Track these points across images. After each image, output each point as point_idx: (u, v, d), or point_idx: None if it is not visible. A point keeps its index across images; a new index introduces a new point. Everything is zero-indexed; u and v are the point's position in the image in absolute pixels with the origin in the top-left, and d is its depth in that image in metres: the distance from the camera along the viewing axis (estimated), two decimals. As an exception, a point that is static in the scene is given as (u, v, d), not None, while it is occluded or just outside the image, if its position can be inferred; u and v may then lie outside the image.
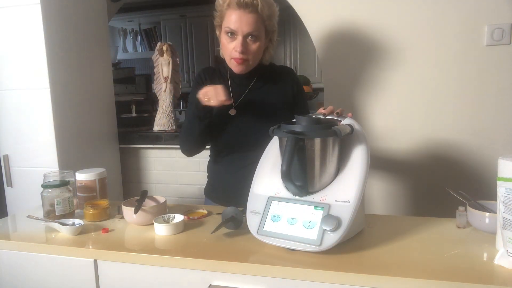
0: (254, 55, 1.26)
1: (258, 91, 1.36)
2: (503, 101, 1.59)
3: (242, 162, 1.33)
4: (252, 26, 1.21)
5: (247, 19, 1.21)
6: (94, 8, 2.07)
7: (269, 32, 1.30)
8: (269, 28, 1.28)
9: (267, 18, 1.25)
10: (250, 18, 1.21)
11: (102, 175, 1.32)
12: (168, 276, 0.96)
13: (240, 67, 1.28)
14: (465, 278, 0.79)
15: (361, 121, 1.69)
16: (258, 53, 1.28)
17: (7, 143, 1.84)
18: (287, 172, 0.92)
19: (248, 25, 1.21)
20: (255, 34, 1.23)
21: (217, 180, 1.44)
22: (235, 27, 1.22)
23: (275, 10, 1.28)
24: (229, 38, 1.25)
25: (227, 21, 1.24)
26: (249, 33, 1.22)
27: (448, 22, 1.60)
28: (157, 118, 2.33)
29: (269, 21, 1.27)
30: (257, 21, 1.22)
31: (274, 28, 1.31)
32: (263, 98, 1.35)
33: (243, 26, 1.21)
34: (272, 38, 1.33)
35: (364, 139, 1.01)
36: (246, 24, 1.21)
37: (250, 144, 1.29)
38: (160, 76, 2.33)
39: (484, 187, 1.61)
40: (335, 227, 0.89)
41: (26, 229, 1.18)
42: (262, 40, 1.27)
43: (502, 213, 0.85)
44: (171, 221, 1.12)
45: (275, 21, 1.30)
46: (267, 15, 1.24)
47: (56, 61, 1.77)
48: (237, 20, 1.21)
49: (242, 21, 1.21)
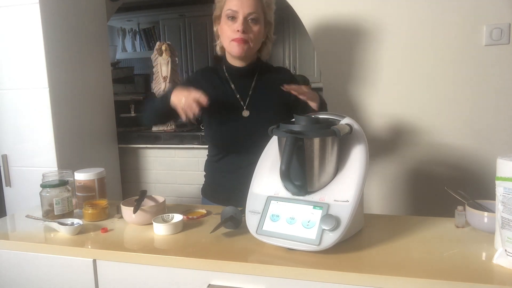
0: (255, 37, 1.28)
1: (262, 90, 1.36)
2: (501, 101, 1.59)
3: (242, 162, 1.33)
4: (253, 7, 1.25)
5: (247, 1, 1.25)
6: (93, 7, 2.07)
7: (267, 23, 1.32)
8: (267, 17, 1.31)
9: (266, 5, 1.29)
10: (251, 1, 1.26)
11: (101, 174, 1.32)
12: (167, 275, 0.96)
13: (241, 48, 1.27)
14: (463, 277, 0.79)
15: (360, 121, 1.68)
16: (258, 37, 1.30)
17: (6, 142, 1.84)
18: (286, 172, 0.92)
19: (249, 6, 1.25)
20: (255, 17, 1.26)
21: (215, 180, 1.44)
22: (236, 7, 1.25)
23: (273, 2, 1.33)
24: (229, 21, 1.27)
25: (228, 5, 1.27)
26: (250, 14, 1.25)
27: (447, 22, 1.60)
28: (156, 118, 2.32)
29: (268, 9, 1.30)
30: (257, 5, 1.27)
31: (272, 21, 1.34)
32: (268, 97, 1.36)
33: (244, 7, 1.25)
34: (269, 32, 1.36)
35: (363, 139, 1.01)
36: (247, 6, 1.25)
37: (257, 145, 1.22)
38: (159, 76, 2.32)
39: (482, 187, 1.61)
40: (334, 227, 0.89)
41: (25, 229, 1.18)
42: (262, 25, 1.30)
43: (501, 212, 0.85)
44: (170, 220, 1.12)
45: (272, 14, 1.34)
46: (266, 1, 1.29)
47: (55, 60, 1.77)
48: (238, 2, 1.25)
49: (243, 3, 1.25)
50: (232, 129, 1.34)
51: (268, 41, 1.37)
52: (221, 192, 1.41)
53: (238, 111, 1.34)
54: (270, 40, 1.37)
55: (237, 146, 1.34)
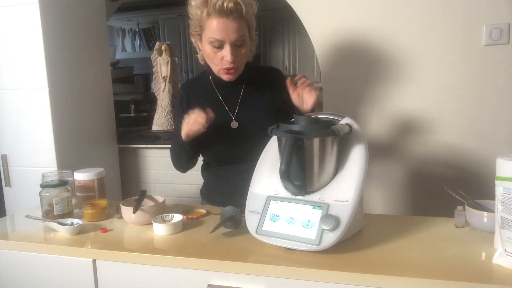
0: (242, 60, 1.22)
1: (251, 98, 1.31)
2: (501, 101, 1.59)
3: (236, 170, 1.30)
4: (239, 33, 1.15)
5: (232, 26, 1.13)
6: (93, 7, 2.07)
7: (251, 31, 1.24)
8: (251, 26, 1.22)
9: (250, 19, 1.19)
10: (236, 25, 1.14)
11: (101, 174, 1.32)
12: (167, 275, 0.96)
13: (231, 76, 1.23)
14: (463, 277, 0.79)
15: (360, 121, 1.69)
16: (246, 57, 1.24)
17: (5, 142, 1.84)
18: (286, 172, 0.92)
19: (234, 32, 1.14)
20: (242, 40, 1.18)
21: (212, 184, 1.41)
22: (222, 37, 1.14)
23: (254, 5, 1.21)
24: (214, 48, 1.18)
25: (210, 31, 1.15)
26: (237, 40, 1.16)
27: (446, 22, 1.60)
28: (156, 118, 2.33)
29: (251, 22, 1.21)
30: (242, 26, 1.16)
31: (253, 23, 1.24)
32: (257, 105, 1.30)
33: (230, 35, 1.14)
34: (251, 34, 1.26)
35: (363, 139, 1.01)
36: (232, 32, 1.14)
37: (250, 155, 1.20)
38: (159, 76, 2.32)
39: (482, 187, 1.61)
40: (334, 227, 0.89)
41: (25, 229, 1.18)
42: (248, 42, 1.22)
43: (500, 212, 0.85)
44: (170, 220, 1.12)
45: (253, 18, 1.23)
46: (250, 16, 1.18)
47: (54, 60, 1.77)
48: (223, 30, 1.13)
49: (228, 30, 1.13)
50: (221, 142, 1.29)
51: (251, 43, 1.28)
52: (219, 195, 1.38)
53: (228, 122, 1.29)
54: (253, 42, 1.28)
55: (229, 157, 1.31)
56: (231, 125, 1.29)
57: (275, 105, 1.30)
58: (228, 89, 1.32)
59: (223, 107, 1.30)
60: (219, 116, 1.27)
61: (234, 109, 1.30)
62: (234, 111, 1.30)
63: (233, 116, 1.30)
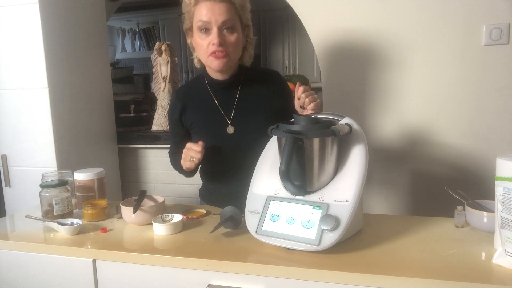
0: (233, 47, 1.17)
1: (247, 102, 1.28)
2: (501, 101, 1.59)
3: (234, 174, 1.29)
4: (226, 15, 1.13)
5: (219, 8, 1.12)
6: (93, 7, 2.07)
7: (244, 26, 1.22)
8: (243, 20, 1.20)
9: (240, 7, 1.17)
10: (222, 7, 1.13)
11: (101, 174, 1.32)
12: (167, 275, 0.96)
13: (220, 62, 1.17)
14: (463, 277, 0.79)
15: (359, 121, 1.68)
16: (238, 46, 1.19)
17: (5, 142, 1.84)
18: (286, 172, 0.92)
19: (221, 14, 1.12)
20: (230, 25, 1.15)
21: (210, 186, 1.41)
22: (208, 18, 1.13)
23: (247, 1, 1.20)
24: (203, 34, 1.16)
25: (198, 15, 1.15)
26: (224, 23, 1.13)
27: (446, 22, 1.60)
28: (156, 118, 2.33)
29: (242, 12, 1.18)
30: (230, 10, 1.14)
31: (249, 22, 1.23)
32: (254, 109, 1.27)
33: (216, 16, 1.12)
34: (248, 34, 1.25)
35: (362, 139, 1.01)
36: (219, 14, 1.12)
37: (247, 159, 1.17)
38: (159, 76, 2.32)
39: (482, 187, 1.61)
40: (334, 227, 0.89)
41: (25, 229, 1.18)
42: (239, 31, 1.18)
43: (500, 212, 0.85)
44: (169, 220, 1.12)
45: (248, 15, 1.23)
46: (239, 4, 1.16)
47: (54, 60, 1.77)
48: (209, 11, 1.12)
49: (214, 11, 1.12)
50: (218, 148, 1.26)
51: (248, 45, 1.26)
52: (217, 198, 1.37)
53: (224, 127, 1.27)
54: (250, 43, 1.26)
55: (226, 162, 1.30)
56: (227, 130, 1.27)
57: (272, 108, 1.28)
58: (224, 93, 1.29)
59: (218, 112, 1.28)
60: (216, 121, 1.27)
61: (230, 113, 1.28)
62: (230, 116, 1.28)
63: (229, 120, 1.27)
